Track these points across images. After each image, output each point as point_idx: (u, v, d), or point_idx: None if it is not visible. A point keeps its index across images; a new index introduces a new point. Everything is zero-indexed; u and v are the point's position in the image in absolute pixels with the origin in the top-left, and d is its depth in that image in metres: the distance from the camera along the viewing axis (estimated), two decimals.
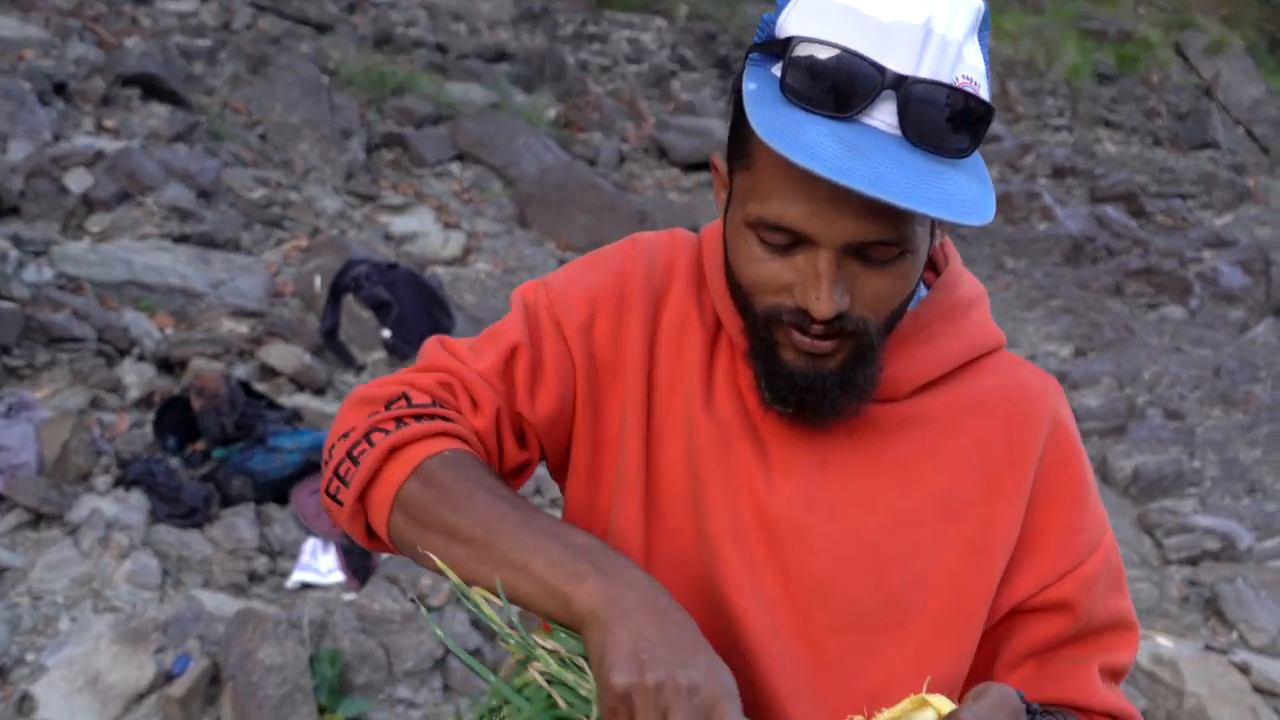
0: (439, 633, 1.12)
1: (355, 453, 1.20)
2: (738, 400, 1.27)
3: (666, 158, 10.21)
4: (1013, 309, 9.28)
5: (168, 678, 3.62)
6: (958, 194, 1.05)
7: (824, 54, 1.06)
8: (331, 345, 5.80)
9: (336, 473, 1.21)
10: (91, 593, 3.92)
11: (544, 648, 1.08)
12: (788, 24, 1.11)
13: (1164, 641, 5.02)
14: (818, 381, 1.18)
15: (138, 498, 4.34)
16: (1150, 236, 10.61)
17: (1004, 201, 10.60)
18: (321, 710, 3.79)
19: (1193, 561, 5.96)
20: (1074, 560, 1.28)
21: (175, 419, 4.75)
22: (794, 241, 1.12)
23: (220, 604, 3.99)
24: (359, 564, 4.44)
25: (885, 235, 1.10)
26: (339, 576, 4.41)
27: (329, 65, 9.15)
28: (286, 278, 6.29)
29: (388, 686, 4.14)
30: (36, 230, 5.79)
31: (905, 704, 1.09)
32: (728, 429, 1.26)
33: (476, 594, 1.10)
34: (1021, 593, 1.28)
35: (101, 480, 4.39)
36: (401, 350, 5.84)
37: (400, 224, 7.70)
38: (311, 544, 4.50)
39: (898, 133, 1.06)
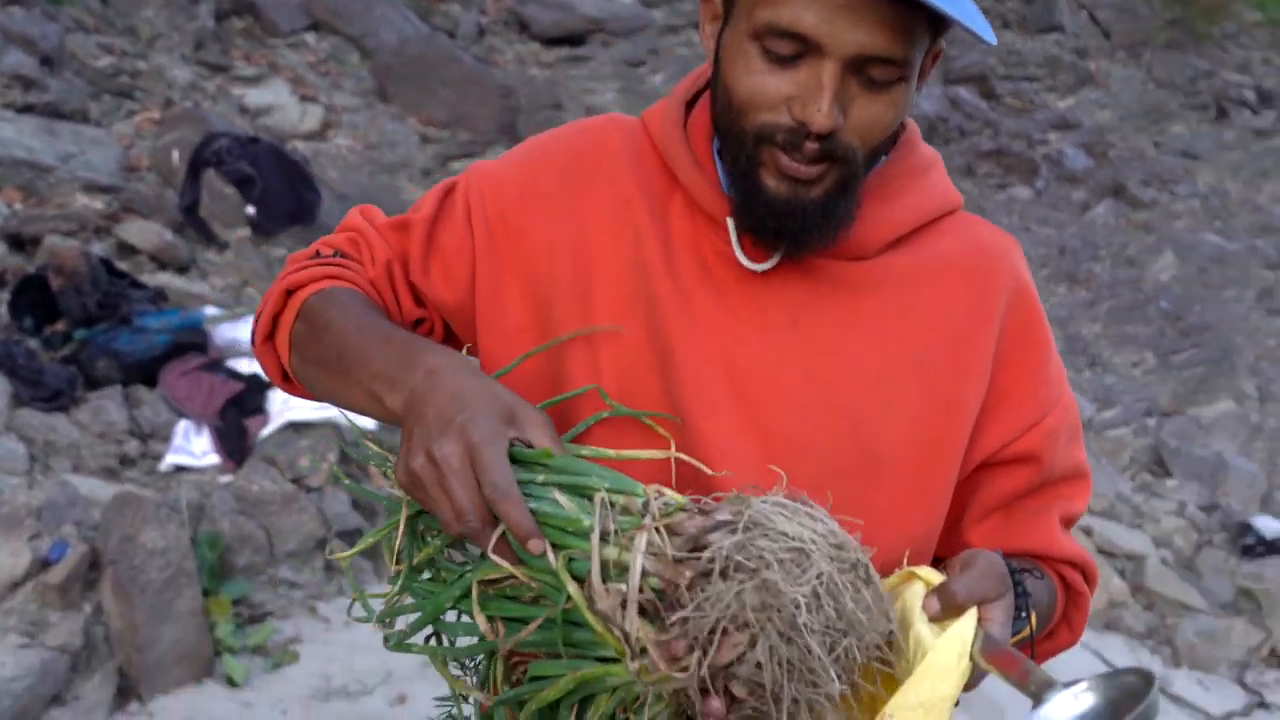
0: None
1: (265, 299, 1.34)
2: (700, 265, 1.27)
3: (527, 31, 10.01)
4: None
5: (44, 564, 3.53)
6: (970, 8, 1.11)
7: None
8: (193, 222, 5.60)
9: (257, 319, 1.34)
10: None
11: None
12: None
13: None
14: (798, 208, 1.18)
15: None
16: (1000, 118, 10.88)
17: None
18: (205, 593, 3.77)
19: None
20: (1039, 413, 1.32)
21: (32, 299, 4.57)
22: (799, 53, 1.12)
23: (93, 488, 3.89)
24: (234, 446, 4.38)
25: (892, 51, 1.11)
26: (214, 459, 4.35)
27: None
28: (141, 151, 6.03)
29: (269, 568, 4.13)
30: None
31: (893, 578, 1.10)
32: (691, 295, 1.26)
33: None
34: (990, 446, 1.31)
35: None
36: (266, 227, 5.69)
37: (255, 96, 7.42)
38: (184, 426, 4.41)
39: None
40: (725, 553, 0.96)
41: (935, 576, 1.09)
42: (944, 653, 1.04)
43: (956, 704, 1.05)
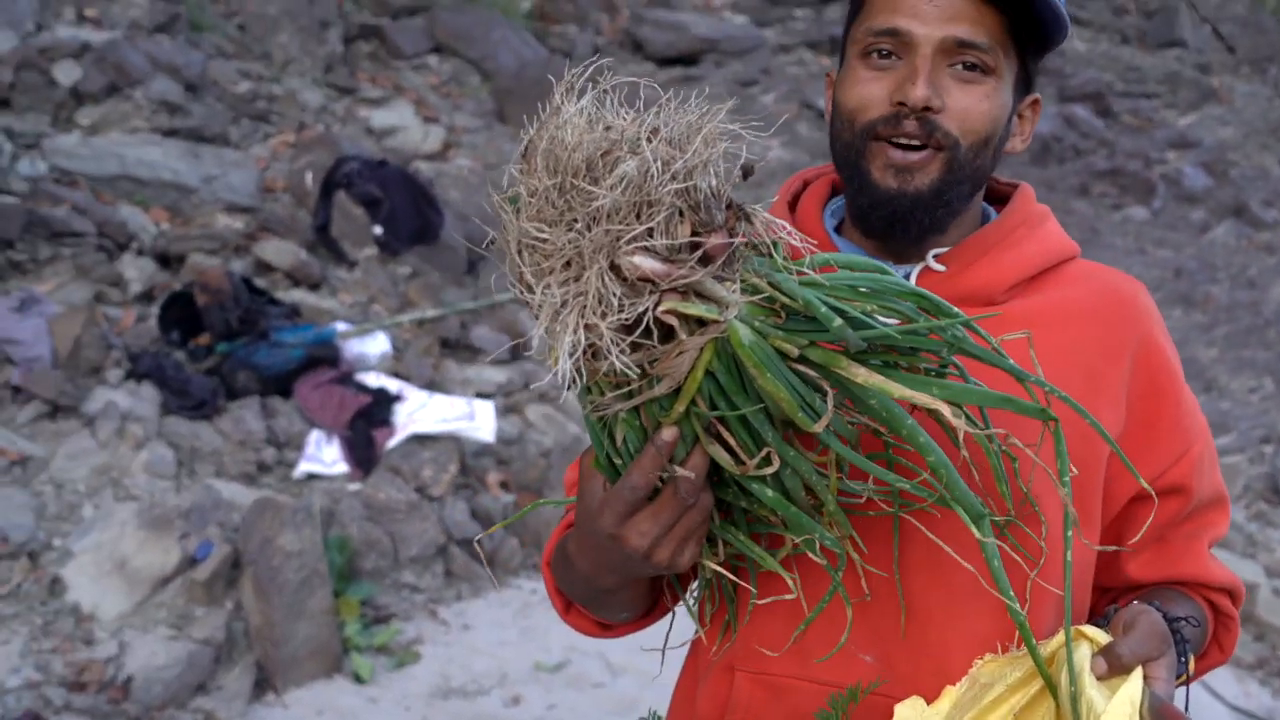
0: None
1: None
2: None
3: (641, 51, 10.21)
4: None
5: (191, 562, 3.80)
6: None
7: None
8: (324, 241, 5.90)
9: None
10: (111, 481, 4.08)
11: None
12: None
13: None
14: (905, 197, 1.30)
15: (149, 390, 4.48)
16: (1116, 137, 10.77)
17: None
18: (335, 594, 4.00)
19: None
20: (1185, 444, 1.39)
21: (179, 314, 4.87)
22: (895, 52, 1.29)
23: (235, 493, 4.16)
24: (363, 455, 4.63)
25: (976, 35, 1.27)
26: (343, 467, 4.60)
27: None
28: (277, 173, 6.35)
29: (393, 572, 4.35)
30: (27, 123, 5.81)
31: (1060, 636, 1.15)
32: None
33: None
34: (1144, 479, 1.37)
35: (113, 373, 4.53)
36: (392, 246, 5.95)
37: (380, 118, 7.73)
38: (316, 436, 4.67)
39: None
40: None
41: (1101, 637, 1.16)
42: (1115, 714, 1.09)
43: None
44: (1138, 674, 1.12)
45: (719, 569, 1.23)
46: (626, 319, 1.03)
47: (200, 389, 4.57)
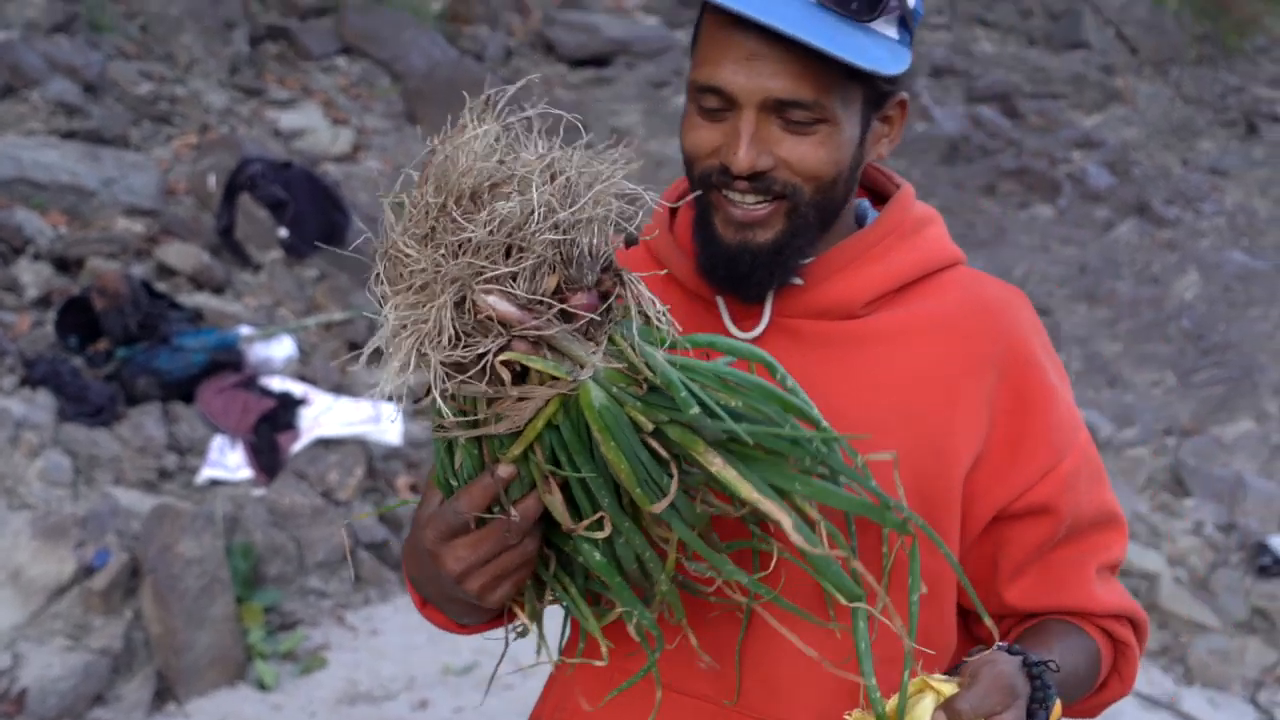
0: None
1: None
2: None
3: (554, 53, 10.19)
4: None
5: (88, 571, 3.72)
6: (855, 46, 1.20)
7: None
8: (228, 244, 5.81)
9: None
10: (4, 490, 3.98)
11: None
12: None
13: None
14: (746, 254, 1.27)
15: (45, 397, 4.38)
16: (1023, 136, 10.96)
17: None
18: (238, 601, 3.94)
19: None
20: (1052, 460, 1.34)
21: (76, 318, 4.77)
22: (724, 107, 1.25)
23: (134, 500, 4.08)
24: (267, 460, 4.56)
25: (799, 94, 1.22)
26: (247, 472, 4.53)
27: None
28: (179, 175, 6.25)
29: (299, 577, 4.30)
30: None
31: (907, 689, 1.15)
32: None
33: None
34: (1004, 498, 1.33)
35: (7, 380, 4.42)
36: (298, 249, 5.88)
37: (288, 120, 7.63)
38: (219, 441, 4.60)
39: None
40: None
41: (948, 688, 1.17)
42: None
43: None
44: None
45: (528, 624, 1.22)
46: (463, 357, 1.03)
47: (99, 395, 4.47)
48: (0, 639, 3.54)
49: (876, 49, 1.23)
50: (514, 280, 1.03)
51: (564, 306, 1.04)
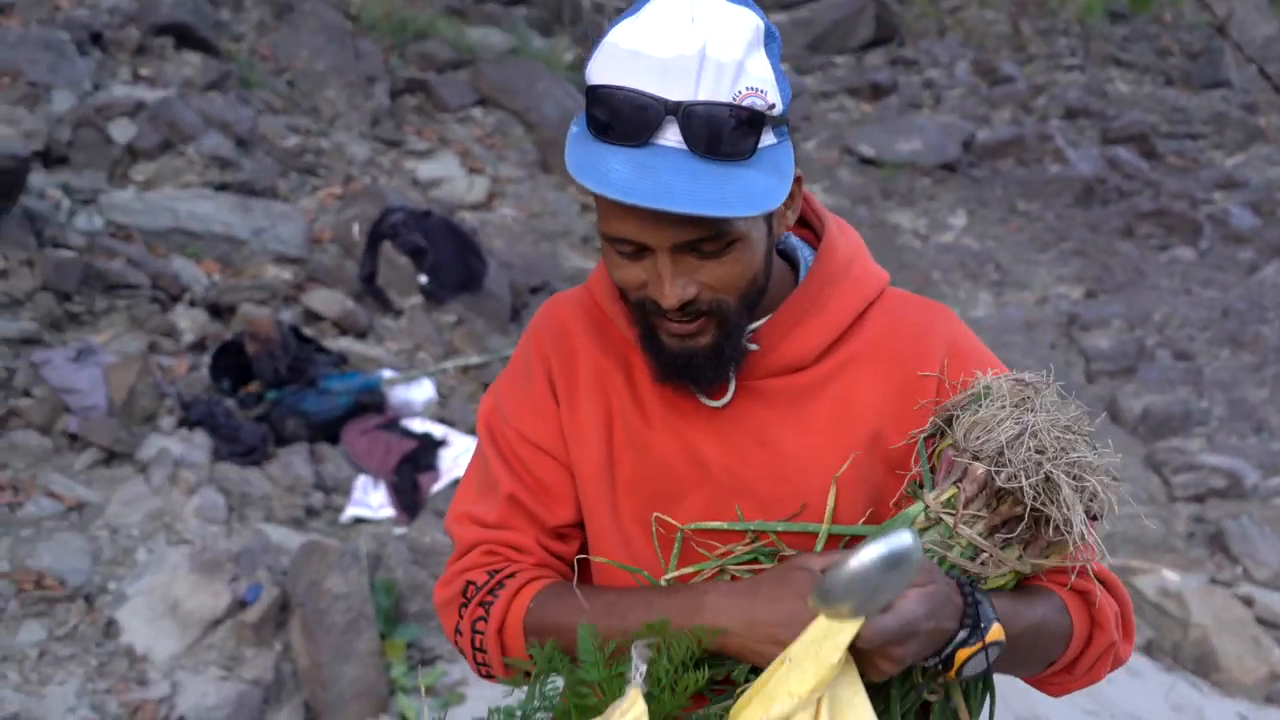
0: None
1: (476, 644, 1.50)
2: (669, 408, 1.50)
3: None
4: (1025, 251, 9.45)
5: (241, 605, 3.87)
6: (740, 191, 1.28)
7: (615, 95, 1.29)
8: (371, 291, 6.01)
9: (479, 663, 1.52)
10: (164, 526, 4.18)
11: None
12: (591, 72, 1.33)
13: (1170, 575, 5.23)
14: (692, 359, 1.41)
15: (201, 437, 4.59)
16: (1161, 178, 10.73)
17: (1016, 144, 10.73)
18: (381, 636, 4.05)
19: (1199, 499, 6.16)
20: None
21: (229, 362, 4.99)
22: (638, 249, 1.34)
23: (283, 537, 4.24)
24: (408, 500, 4.69)
25: (704, 234, 1.31)
26: (389, 511, 4.67)
27: (351, 10, 9.27)
28: (324, 225, 6.49)
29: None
30: (84, 179, 5.99)
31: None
32: (664, 437, 1.49)
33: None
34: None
35: (166, 421, 4.64)
36: (437, 295, 6.06)
37: (426, 169, 7.88)
38: (362, 481, 4.75)
39: (685, 148, 1.29)
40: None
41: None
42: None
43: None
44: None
45: None
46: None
47: (250, 436, 4.66)
48: (160, 668, 3.70)
49: (763, 177, 1.31)
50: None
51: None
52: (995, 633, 1.29)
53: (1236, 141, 12.20)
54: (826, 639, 1.22)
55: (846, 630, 1.21)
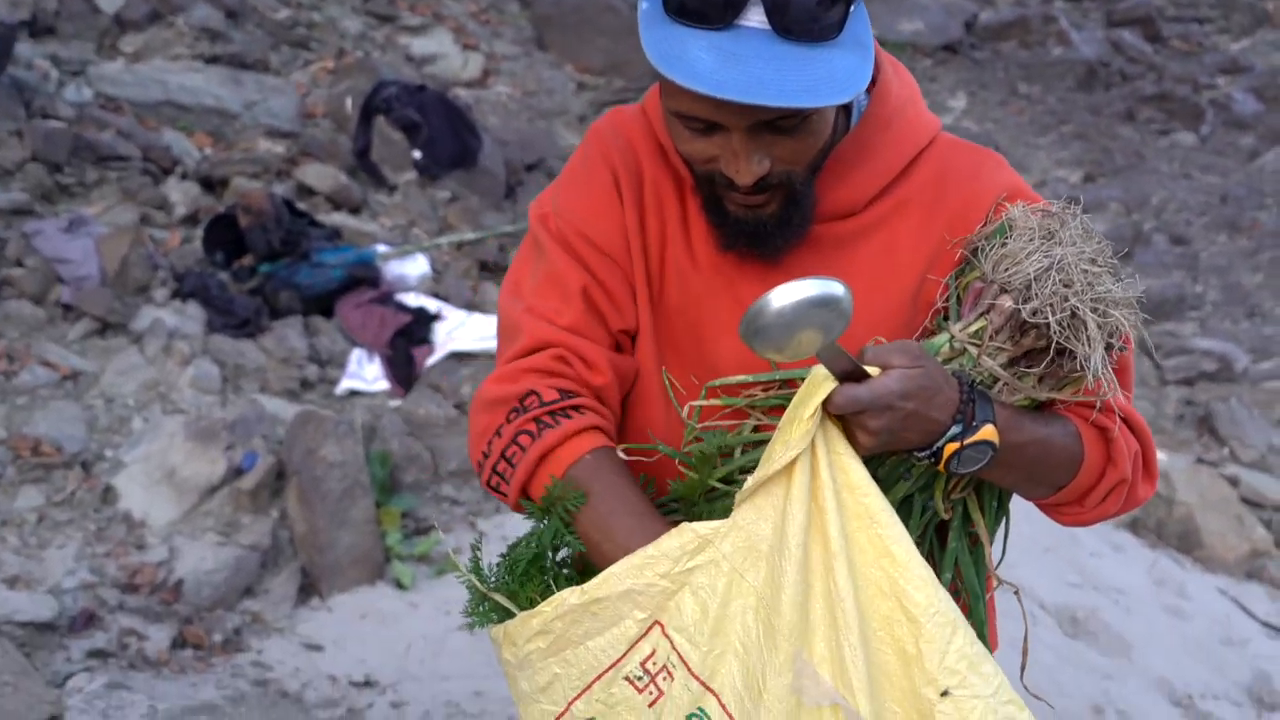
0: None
1: (509, 454, 1.43)
2: (714, 247, 1.47)
3: None
4: (1025, 134, 9.36)
5: (237, 473, 3.91)
6: (828, 76, 1.24)
7: None
8: (364, 165, 5.97)
9: (495, 470, 1.45)
10: (159, 396, 4.20)
11: None
12: None
13: (1158, 454, 5.29)
14: (759, 227, 1.40)
15: (194, 309, 4.59)
16: (1165, 61, 10.59)
17: (1019, 25, 10.58)
18: (376, 505, 4.10)
19: (1189, 382, 6.20)
20: None
21: (222, 235, 4.96)
22: (710, 125, 1.31)
23: (278, 408, 4.27)
24: (403, 373, 4.71)
25: (782, 112, 1.28)
26: (384, 384, 4.69)
27: None
28: (317, 99, 6.41)
29: (433, 485, 4.44)
30: (73, 50, 5.89)
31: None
32: (711, 279, 1.48)
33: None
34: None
35: (160, 293, 4.63)
36: (431, 170, 6.01)
37: (420, 45, 7.75)
38: (357, 354, 4.76)
39: (769, 29, 1.24)
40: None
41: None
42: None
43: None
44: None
45: None
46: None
47: (244, 308, 4.67)
48: (158, 533, 3.75)
49: (849, 57, 1.27)
50: None
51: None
52: (987, 432, 1.30)
53: (1243, 26, 12.02)
54: (803, 402, 1.26)
55: (819, 391, 1.25)
